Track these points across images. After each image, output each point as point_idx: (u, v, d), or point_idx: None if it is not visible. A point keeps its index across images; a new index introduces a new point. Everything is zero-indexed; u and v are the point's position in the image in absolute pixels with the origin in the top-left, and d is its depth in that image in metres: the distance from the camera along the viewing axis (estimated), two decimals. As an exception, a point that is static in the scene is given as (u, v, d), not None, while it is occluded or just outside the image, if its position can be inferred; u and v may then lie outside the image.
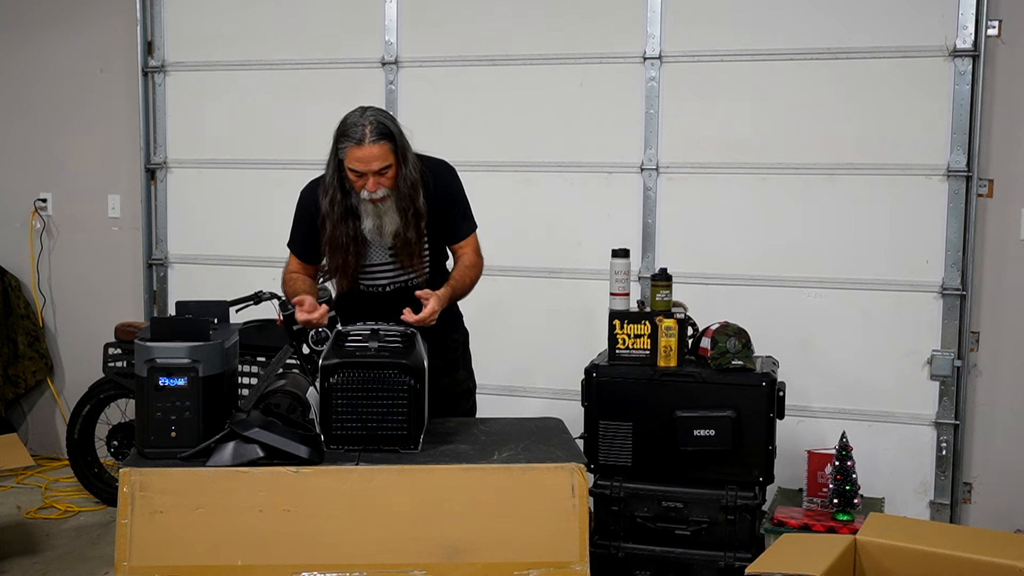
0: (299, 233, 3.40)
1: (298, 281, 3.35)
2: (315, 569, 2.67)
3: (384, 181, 3.14)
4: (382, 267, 3.32)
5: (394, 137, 3.12)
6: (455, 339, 3.51)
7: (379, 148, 3.10)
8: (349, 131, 3.13)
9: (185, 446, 2.80)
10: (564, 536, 2.72)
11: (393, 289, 3.33)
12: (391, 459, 2.83)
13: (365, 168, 3.11)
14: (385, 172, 3.13)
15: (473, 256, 3.37)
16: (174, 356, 2.81)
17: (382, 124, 3.11)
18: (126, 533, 2.65)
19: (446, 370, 3.43)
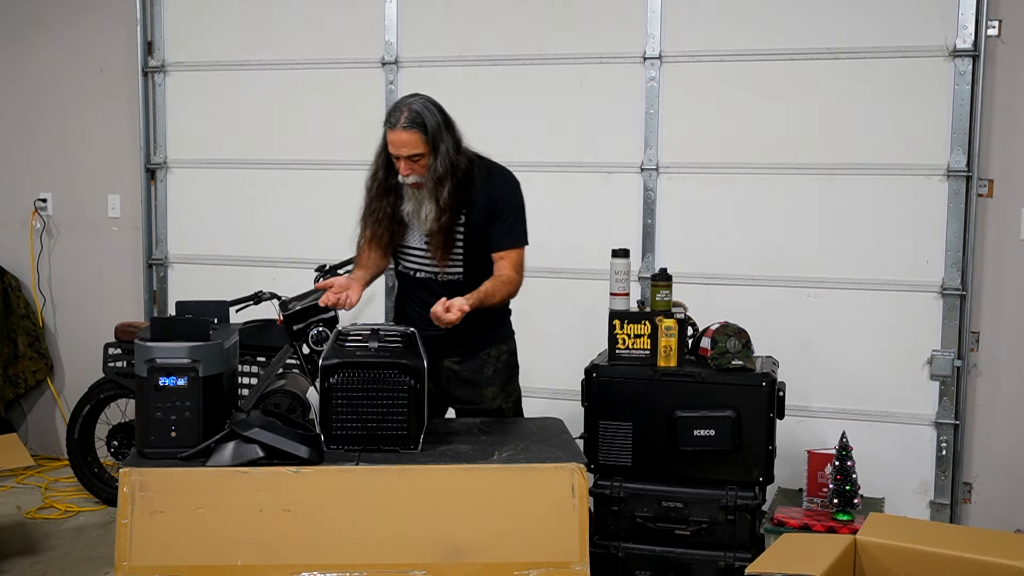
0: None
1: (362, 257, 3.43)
2: (315, 569, 2.67)
3: (416, 168, 3.20)
4: (417, 251, 3.37)
5: (427, 128, 3.17)
6: (491, 353, 3.44)
7: (408, 135, 3.16)
8: (391, 115, 3.22)
9: (185, 446, 2.81)
10: (564, 536, 2.72)
11: (423, 276, 3.37)
12: (391, 459, 2.83)
13: (395, 152, 3.21)
14: (418, 159, 3.20)
15: (510, 271, 3.31)
16: (174, 356, 2.81)
17: (418, 113, 3.18)
18: (126, 533, 2.65)
19: (472, 382, 3.43)
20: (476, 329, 3.29)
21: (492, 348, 3.43)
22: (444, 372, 3.40)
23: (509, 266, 3.31)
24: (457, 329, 3.17)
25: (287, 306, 4.20)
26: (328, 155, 4.96)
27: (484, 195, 3.28)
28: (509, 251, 3.32)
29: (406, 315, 3.47)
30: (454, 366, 3.40)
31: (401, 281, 3.49)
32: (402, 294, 3.51)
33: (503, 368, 3.47)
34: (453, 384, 3.42)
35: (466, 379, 3.41)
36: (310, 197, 5.00)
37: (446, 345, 3.34)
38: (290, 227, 5.04)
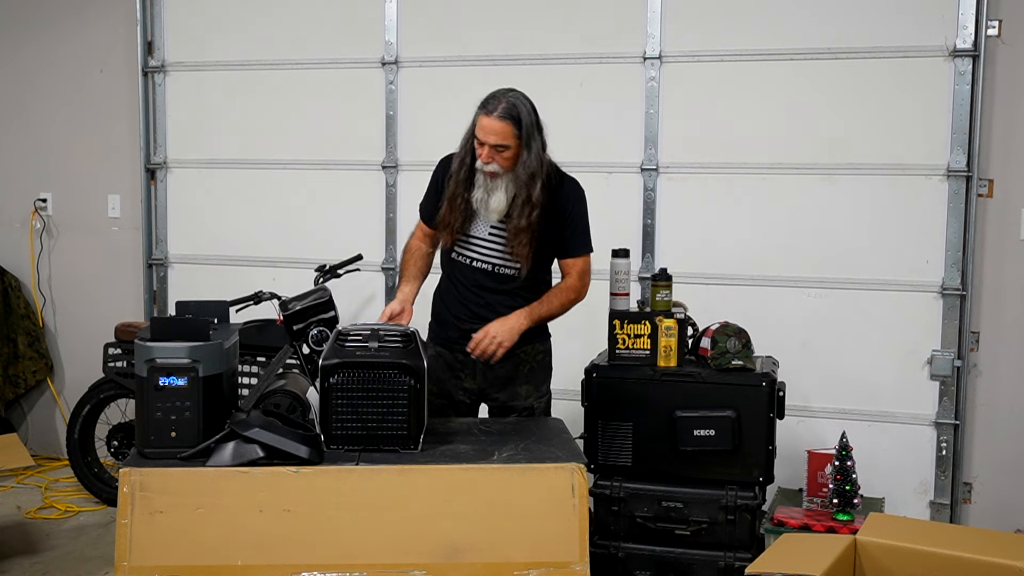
0: (426, 198, 3.54)
1: (409, 262, 3.50)
2: (315, 569, 2.67)
3: (499, 159, 3.24)
4: (478, 241, 3.38)
5: (520, 122, 3.22)
6: (527, 352, 3.46)
7: (501, 125, 3.21)
8: (488, 102, 3.27)
9: (185, 446, 2.80)
10: (564, 536, 2.72)
11: (479, 266, 3.39)
12: (391, 459, 2.83)
13: (484, 138, 3.24)
14: (503, 151, 3.24)
15: (575, 279, 3.42)
16: (174, 356, 2.81)
17: (514, 107, 3.23)
18: (126, 533, 2.65)
19: (507, 379, 3.44)
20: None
21: (528, 347, 3.43)
22: (480, 368, 3.42)
23: (576, 274, 3.42)
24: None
25: (287, 306, 4.20)
26: (328, 155, 4.96)
27: (555, 201, 3.34)
28: (577, 259, 3.42)
29: (448, 303, 3.48)
30: (492, 363, 3.40)
31: (451, 269, 3.47)
32: (447, 283, 3.50)
33: (538, 368, 3.49)
34: (488, 380, 3.44)
35: (501, 376, 3.42)
36: (310, 197, 5.00)
37: None
38: (290, 227, 5.04)
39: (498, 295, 3.39)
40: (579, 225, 3.41)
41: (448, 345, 3.47)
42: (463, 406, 3.48)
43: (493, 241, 3.37)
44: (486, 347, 3.29)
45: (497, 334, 3.29)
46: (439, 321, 3.52)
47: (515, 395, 3.45)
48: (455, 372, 3.46)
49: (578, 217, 3.41)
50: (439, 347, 3.49)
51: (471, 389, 3.46)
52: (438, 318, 3.53)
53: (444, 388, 3.47)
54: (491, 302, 3.39)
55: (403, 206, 4.86)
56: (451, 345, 3.46)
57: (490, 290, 3.38)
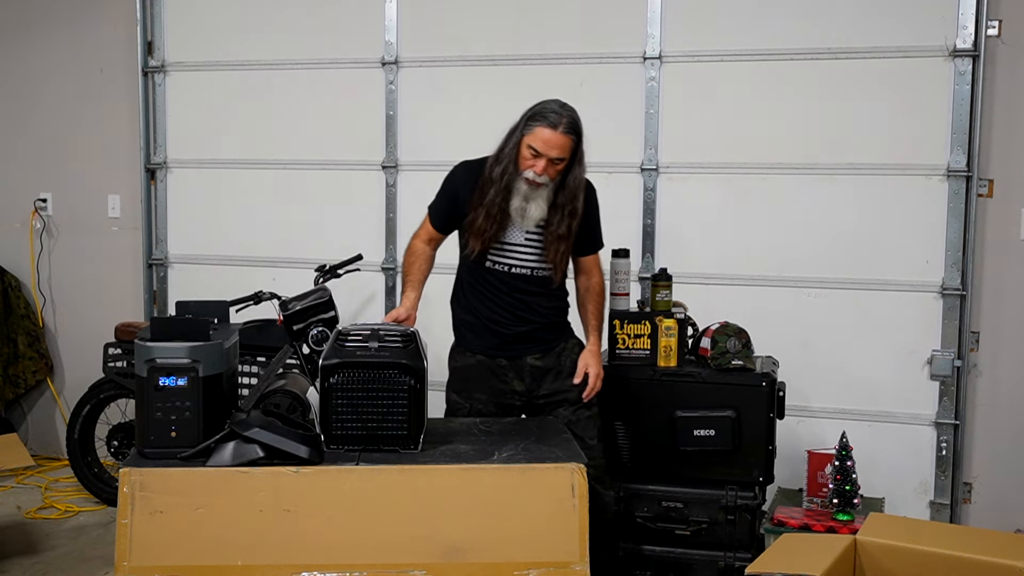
0: (439, 202, 3.53)
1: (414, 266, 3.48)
2: (315, 569, 2.67)
3: (551, 171, 3.28)
4: (514, 247, 3.40)
5: (580, 138, 3.30)
6: (564, 346, 3.51)
7: (566, 140, 3.26)
8: (548, 114, 3.28)
9: (185, 446, 2.81)
10: (564, 536, 2.72)
11: (518, 272, 3.41)
12: (391, 459, 2.83)
13: (545, 151, 3.25)
14: (557, 164, 3.28)
15: (599, 276, 3.56)
16: (174, 356, 2.81)
17: (576, 122, 3.29)
18: (126, 533, 2.65)
19: (555, 372, 3.47)
20: (551, 328, 3.48)
21: (563, 342, 3.51)
22: (528, 369, 3.46)
23: (598, 270, 3.57)
24: (533, 329, 3.44)
25: (287, 306, 4.20)
26: (328, 155, 4.96)
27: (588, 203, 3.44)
28: (596, 254, 3.57)
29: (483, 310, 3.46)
30: (536, 363, 3.46)
31: (482, 275, 3.45)
32: (479, 291, 3.47)
33: (576, 358, 3.51)
34: (538, 379, 3.46)
35: (548, 371, 3.47)
36: (310, 197, 5.00)
37: (527, 344, 3.46)
38: (290, 227, 5.04)
39: (536, 297, 3.44)
40: (597, 223, 3.55)
41: (489, 352, 3.46)
42: (514, 409, 3.49)
43: (530, 246, 3.40)
44: (597, 386, 3.45)
45: (599, 370, 3.45)
46: (473, 330, 3.49)
47: (563, 387, 3.47)
48: (501, 378, 3.46)
49: (598, 215, 3.54)
50: (479, 355, 3.48)
51: (520, 391, 3.47)
52: (471, 327, 3.50)
53: (494, 394, 3.47)
54: (531, 304, 3.43)
55: (403, 206, 4.86)
56: (492, 352, 3.46)
57: (530, 293, 3.43)
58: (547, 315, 3.46)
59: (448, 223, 3.49)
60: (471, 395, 3.47)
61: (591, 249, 3.54)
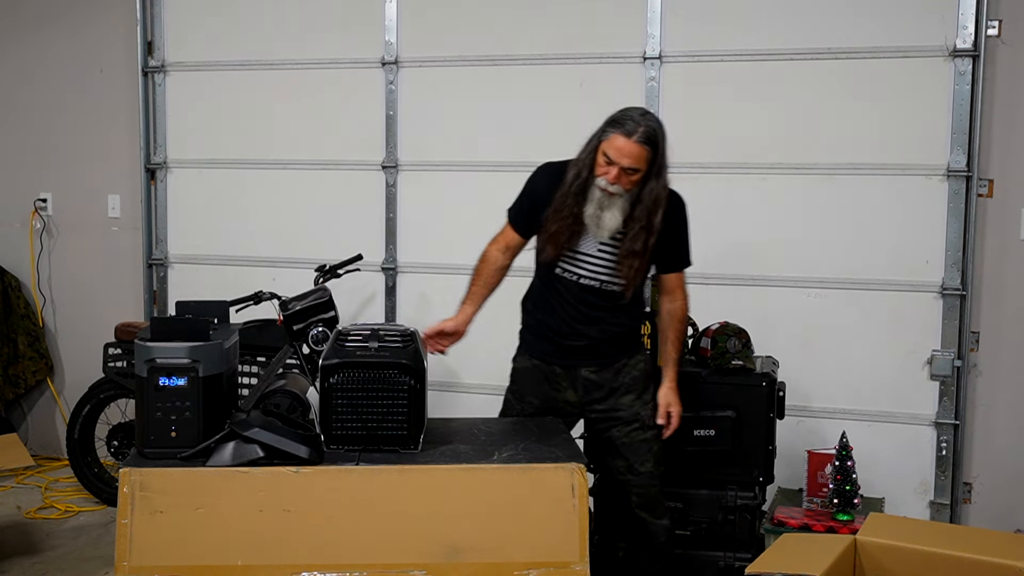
0: (520, 202, 3.43)
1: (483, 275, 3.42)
2: (315, 569, 2.67)
3: (625, 181, 3.16)
4: (587, 257, 3.29)
5: (657, 149, 3.16)
6: (627, 363, 3.40)
7: (640, 150, 3.12)
8: (625, 122, 3.16)
9: (185, 446, 2.80)
10: (564, 536, 2.72)
11: (586, 283, 3.31)
12: (391, 459, 2.83)
13: (617, 159, 3.13)
14: (632, 174, 3.15)
15: (682, 299, 3.40)
16: (174, 356, 2.81)
17: (654, 133, 3.15)
18: (126, 533, 2.65)
19: (609, 389, 3.37)
20: (612, 343, 3.35)
21: (627, 358, 3.39)
22: (582, 381, 3.37)
23: (681, 290, 3.40)
24: (594, 342, 3.32)
25: (287, 306, 4.21)
26: (328, 155, 4.96)
27: (670, 216, 3.27)
28: (681, 273, 3.41)
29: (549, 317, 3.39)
30: (591, 376, 3.36)
31: (552, 282, 3.37)
32: (546, 296, 3.40)
33: (639, 376, 3.40)
34: (590, 392, 3.37)
35: (603, 387, 3.36)
36: (310, 197, 5.00)
37: (583, 356, 3.35)
38: (290, 227, 5.04)
39: (602, 311, 3.33)
40: (684, 238, 3.39)
41: (545, 358, 3.41)
42: (568, 417, 3.40)
43: (601, 258, 3.28)
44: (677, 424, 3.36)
45: (681, 408, 3.37)
46: (536, 334, 3.44)
47: (617, 405, 3.36)
48: (554, 385, 3.40)
49: (684, 229, 3.39)
50: (535, 360, 3.43)
51: (572, 402, 3.40)
52: (534, 331, 3.45)
53: (546, 400, 3.40)
54: (595, 318, 3.32)
55: (403, 206, 4.86)
56: (549, 358, 3.40)
57: (595, 307, 3.32)
58: (609, 331, 3.34)
59: (529, 224, 3.37)
60: (523, 398, 3.43)
61: (674, 266, 3.39)
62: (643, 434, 3.35)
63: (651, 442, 3.36)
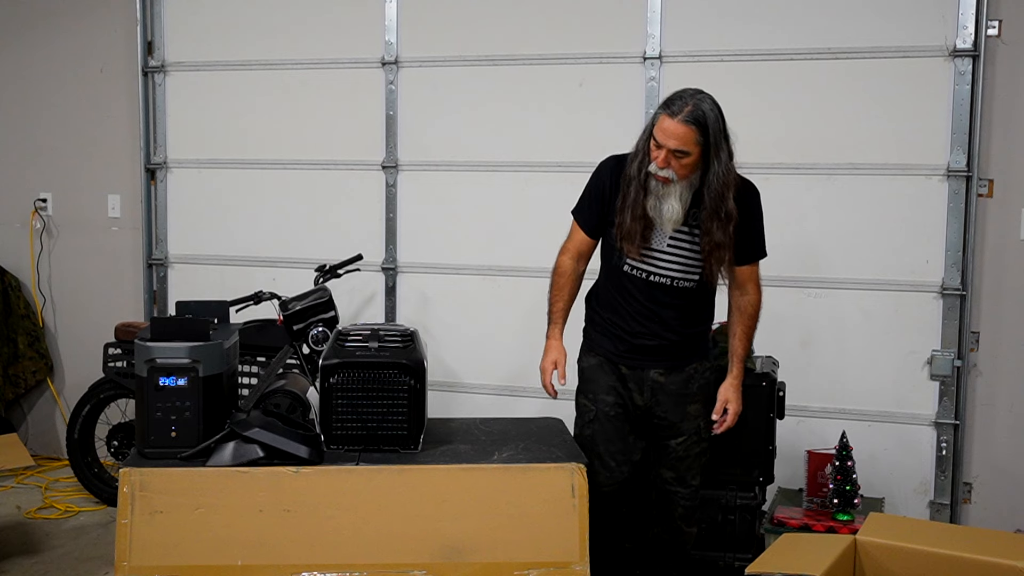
0: (586, 200, 3.27)
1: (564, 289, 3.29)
2: (315, 569, 2.67)
3: (676, 165, 2.98)
4: (657, 254, 3.12)
5: (707, 130, 2.95)
6: (696, 368, 3.24)
7: (684, 129, 2.93)
8: (673, 102, 2.99)
9: (185, 446, 2.81)
10: (564, 536, 2.72)
11: (656, 281, 3.14)
12: (391, 459, 2.84)
13: (664, 141, 2.96)
14: (681, 157, 2.97)
15: (755, 293, 3.21)
16: (174, 356, 2.81)
17: (701, 112, 2.95)
18: (126, 533, 2.65)
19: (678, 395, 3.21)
20: (683, 344, 3.20)
21: (696, 363, 3.23)
22: (648, 383, 3.20)
23: (754, 284, 3.21)
24: (664, 343, 3.16)
25: (287, 306, 4.21)
26: (328, 155, 4.96)
27: (742, 206, 3.09)
28: (755, 265, 3.21)
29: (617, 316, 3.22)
30: (659, 378, 3.20)
31: (618, 280, 3.20)
32: (612, 294, 3.23)
33: (707, 385, 3.24)
34: (658, 397, 3.20)
35: (672, 392, 3.20)
36: (310, 197, 5.00)
37: (653, 357, 3.19)
38: (290, 227, 5.04)
39: (672, 310, 3.16)
40: (760, 228, 3.20)
41: (612, 357, 3.24)
42: (635, 421, 3.26)
43: (672, 254, 3.11)
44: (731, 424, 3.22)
45: (739, 407, 3.21)
46: (602, 332, 3.26)
47: (684, 415, 3.21)
48: (624, 384, 3.23)
49: (760, 220, 3.20)
50: (602, 357, 3.26)
51: (639, 405, 3.23)
52: (600, 328, 3.27)
53: (620, 398, 3.23)
54: (665, 317, 3.16)
55: (403, 206, 4.86)
56: (616, 357, 3.23)
57: (666, 305, 3.15)
58: (681, 331, 3.17)
59: (599, 222, 3.21)
60: (596, 397, 3.24)
61: (748, 258, 3.18)
62: (699, 447, 3.25)
63: (703, 455, 3.28)
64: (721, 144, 2.99)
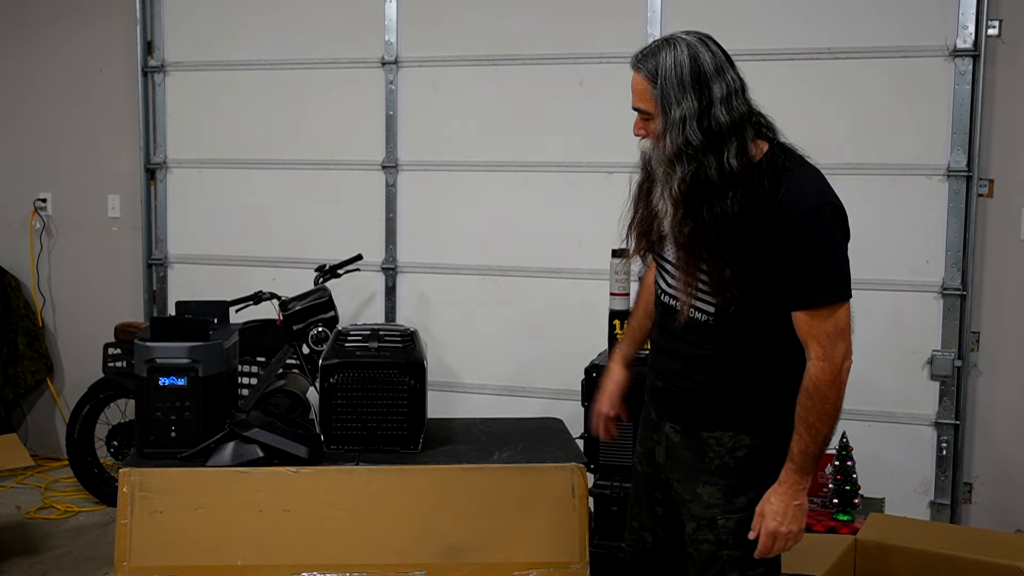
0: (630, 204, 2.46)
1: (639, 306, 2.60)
2: (315, 569, 2.67)
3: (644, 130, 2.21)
4: (666, 266, 2.34)
5: (656, 73, 2.14)
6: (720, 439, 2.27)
7: (636, 79, 2.18)
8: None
9: (185, 446, 2.81)
10: (564, 536, 2.72)
11: (666, 301, 2.35)
12: (391, 459, 2.84)
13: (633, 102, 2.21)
14: (647, 120, 2.19)
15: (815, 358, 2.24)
16: (174, 356, 2.82)
17: (654, 53, 2.16)
18: (126, 533, 2.65)
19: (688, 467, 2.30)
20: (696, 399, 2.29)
21: (722, 433, 2.26)
22: (664, 440, 2.37)
23: (815, 348, 2.23)
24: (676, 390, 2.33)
25: (287, 306, 4.21)
26: (328, 155, 4.96)
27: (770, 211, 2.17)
28: (809, 312, 2.24)
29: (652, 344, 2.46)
30: (674, 436, 2.34)
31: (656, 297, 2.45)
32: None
33: (736, 466, 2.25)
34: (671, 462, 2.35)
35: (683, 461, 2.31)
36: (310, 197, 5.00)
37: (668, 404, 2.36)
38: (290, 227, 5.04)
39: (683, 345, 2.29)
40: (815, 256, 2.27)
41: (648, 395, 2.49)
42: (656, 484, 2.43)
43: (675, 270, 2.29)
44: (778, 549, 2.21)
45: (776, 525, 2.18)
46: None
47: (694, 495, 2.28)
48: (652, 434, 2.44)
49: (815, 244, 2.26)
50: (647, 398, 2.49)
51: (660, 464, 2.40)
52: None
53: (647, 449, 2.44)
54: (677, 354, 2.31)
55: (403, 206, 4.86)
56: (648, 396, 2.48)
57: (676, 338, 2.29)
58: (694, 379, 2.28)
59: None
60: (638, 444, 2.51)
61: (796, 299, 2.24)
62: (718, 550, 2.26)
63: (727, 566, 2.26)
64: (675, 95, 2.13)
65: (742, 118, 2.23)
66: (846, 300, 2.29)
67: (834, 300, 2.27)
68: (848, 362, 2.29)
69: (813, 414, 2.23)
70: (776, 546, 2.19)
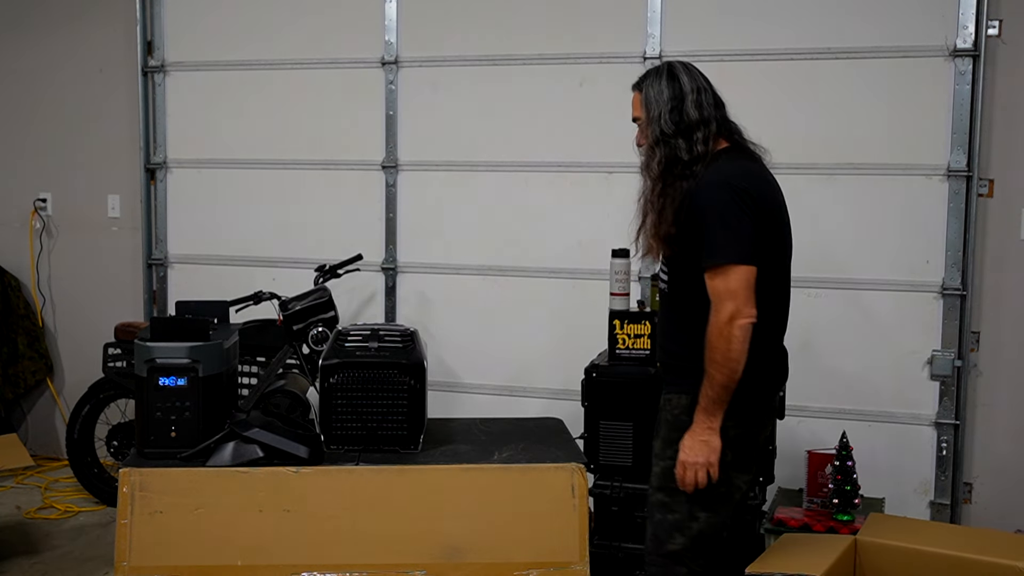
0: None
1: None
2: (315, 569, 2.67)
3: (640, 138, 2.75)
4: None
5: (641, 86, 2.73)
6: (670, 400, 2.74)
7: (634, 95, 2.76)
8: None
9: (185, 446, 2.81)
10: (564, 536, 2.72)
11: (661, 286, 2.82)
12: (391, 459, 2.84)
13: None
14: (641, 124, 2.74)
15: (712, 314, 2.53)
16: (174, 356, 2.82)
17: (647, 74, 2.74)
18: (126, 533, 2.65)
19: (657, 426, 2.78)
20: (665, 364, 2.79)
21: (671, 395, 2.72)
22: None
23: (713, 302, 2.53)
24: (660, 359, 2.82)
25: (287, 306, 4.21)
26: (328, 155, 4.96)
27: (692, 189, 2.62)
28: (706, 272, 2.56)
29: None
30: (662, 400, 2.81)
31: None
32: None
33: (673, 421, 2.69)
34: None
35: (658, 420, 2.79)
36: (310, 197, 5.00)
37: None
38: (290, 227, 5.04)
39: (661, 317, 2.85)
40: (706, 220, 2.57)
41: None
42: None
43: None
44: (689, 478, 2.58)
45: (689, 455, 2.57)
46: None
47: (653, 447, 2.78)
48: None
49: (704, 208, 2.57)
50: None
51: None
52: None
53: None
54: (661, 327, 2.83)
55: (403, 206, 4.86)
56: None
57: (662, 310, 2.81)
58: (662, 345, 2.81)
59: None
60: None
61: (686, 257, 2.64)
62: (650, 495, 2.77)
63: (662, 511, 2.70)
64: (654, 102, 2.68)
65: (710, 116, 2.74)
66: (735, 263, 2.53)
67: (720, 262, 2.53)
68: (740, 321, 2.52)
69: (709, 363, 2.55)
70: (688, 475, 2.57)
